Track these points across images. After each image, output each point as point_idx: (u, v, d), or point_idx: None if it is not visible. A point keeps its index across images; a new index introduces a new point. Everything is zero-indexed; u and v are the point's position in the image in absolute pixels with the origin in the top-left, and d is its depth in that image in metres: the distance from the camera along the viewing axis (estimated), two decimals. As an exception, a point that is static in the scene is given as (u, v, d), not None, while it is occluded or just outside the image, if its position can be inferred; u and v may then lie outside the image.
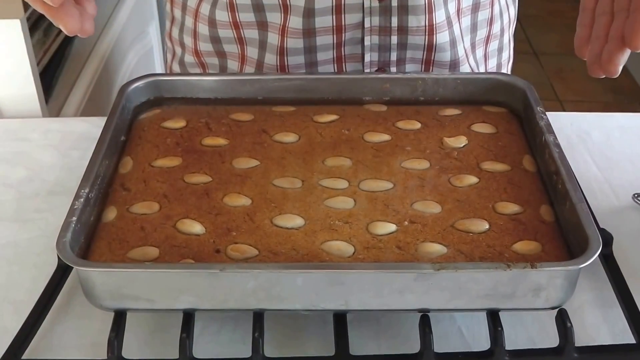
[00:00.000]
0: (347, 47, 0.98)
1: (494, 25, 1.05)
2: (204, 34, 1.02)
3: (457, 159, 0.80)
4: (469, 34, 1.03)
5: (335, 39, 0.96)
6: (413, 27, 0.97)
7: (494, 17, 1.04)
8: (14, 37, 1.10)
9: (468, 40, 1.03)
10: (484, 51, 1.07)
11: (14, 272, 0.78)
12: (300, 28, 0.95)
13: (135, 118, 0.86)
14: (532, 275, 0.63)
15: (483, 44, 1.06)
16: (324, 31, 0.96)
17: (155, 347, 0.70)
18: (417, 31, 0.97)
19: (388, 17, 0.96)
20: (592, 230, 0.66)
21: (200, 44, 1.03)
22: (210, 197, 0.75)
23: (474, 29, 1.03)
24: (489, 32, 1.05)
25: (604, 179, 0.91)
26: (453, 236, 0.70)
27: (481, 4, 1.02)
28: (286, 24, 0.95)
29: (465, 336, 0.71)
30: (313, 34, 0.96)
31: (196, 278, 0.64)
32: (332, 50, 0.97)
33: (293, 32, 0.95)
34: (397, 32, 0.97)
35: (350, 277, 0.64)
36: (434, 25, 0.97)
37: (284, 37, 0.96)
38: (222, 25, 1.00)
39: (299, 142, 0.83)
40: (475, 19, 1.03)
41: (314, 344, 0.70)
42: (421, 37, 0.97)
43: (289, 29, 0.95)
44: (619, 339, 0.70)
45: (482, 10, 1.02)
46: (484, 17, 1.03)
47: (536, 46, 3.30)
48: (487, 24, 1.04)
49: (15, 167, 0.94)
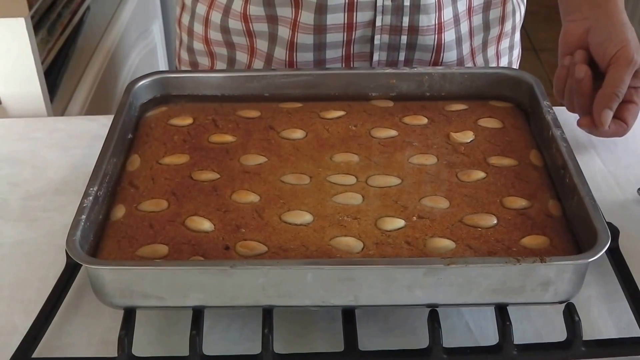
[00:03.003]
0: (356, 46, 0.98)
1: (506, 24, 1.05)
2: (216, 22, 1.02)
3: (464, 154, 0.80)
4: (481, 32, 1.04)
5: (345, 36, 0.96)
6: (424, 27, 0.97)
7: (506, 15, 1.04)
8: (18, 36, 1.10)
9: (480, 39, 1.04)
10: (496, 49, 1.07)
11: (22, 271, 0.79)
12: (311, 24, 0.95)
13: (142, 116, 0.87)
14: (541, 269, 0.64)
15: (495, 42, 1.06)
16: (334, 28, 0.96)
17: (165, 344, 0.70)
18: (427, 31, 0.97)
19: (400, 16, 0.96)
20: (600, 224, 0.66)
21: (211, 32, 1.03)
22: (219, 194, 0.75)
23: (486, 28, 1.04)
24: (501, 30, 1.05)
25: (609, 173, 0.91)
26: (461, 231, 0.70)
27: (493, 2, 1.02)
28: (297, 18, 0.95)
29: (472, 331, 0.71)
30: (324, 30, 0.96)
31: (206, 275, 0.65)
32: (341, 48, 0.98)
33: (304, 28, 0.96)
34: (407, 31, 0.97)
35: (360, 272, 0.64)
36: (442, 23, 0.97)
37: (295, 32, 0.96)
38: (234, 15, 1.00)
39: (307, 139, 0.83)
40: (487, 17, 1.03)
41: (323, 340, 0.70)
42: (431, 36, 0.98)
43: (300, 23, 0.96)
44: (625, 333, 0.71)
45: (493, 8, 1.03)
46: (495, 16, 1.04)
47: (535, 42, 3.29)
48: (499, 22, 1.04)
49: (22, 167, 0.94)
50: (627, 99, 0.89)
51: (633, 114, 0.90)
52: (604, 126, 0.88)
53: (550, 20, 1.15)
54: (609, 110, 0.87)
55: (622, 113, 0.89)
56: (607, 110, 0.87)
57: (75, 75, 1.37)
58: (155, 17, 1.96)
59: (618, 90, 0.87)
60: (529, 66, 3.11)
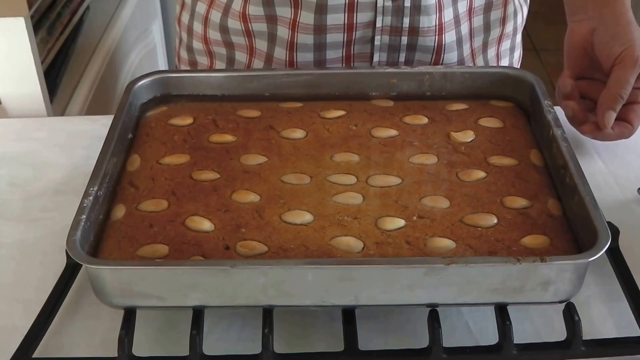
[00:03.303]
0: (356, 46, 0.98)
1: (507, 25, 1.05)
2: (215, 22, 1.02)
3: (465, 154, 0.80)
4: (482, 34, 1.03)
5: (345, 37, 0.96)
6: (424, 28, 0.97)
7: (507, 16, 1.04)
8: (18, 36, 1.10)
9: (480, 40, 1.04)
10: (497, 50, 1.07)
11: (22, 271, 0.79)
12: (311, 24, 0.95)
13: (142, 115, 0.87)
14: (541, 269, 0.64)
15: (496, 44, 1.06)
16: (334, 28, 0.96)
17: (165, 344, 0.70)
18: (428, 32, 0.97)
19: (400, 17, 0.96)
20: (601, 224, 0.66)
21: (210, 31, 1.03)
22: (219, 194, 0.75)
23: (487, 29, 1.03)
24: (502, 31, 1.05)
25: (609, 173, 0.91)
26: (462, 231, 0.70)
27: (494, 3, 1.02)
28: (297, 18, 0.95)
29: (472, 331, 0.71)
30: (324, 30, 0.96)
31: (206, 275, 0.65)
32: (341, 49, 0.98)
33: (304, 28, 0.96)
34: (408, 32, 0.97)
35: (361, 272, 0.64)
36: (442, 25, 0.97)
37: (295, 32, 0.96)
38: (233, 15, 1.00)
39: (307, 138, 0.83)
40: (488, 18, 1.03)
41: (323, 340, 0.70)
42: (431, 37, 0.97)
43: (300, 23, 0.95)
44: (624, 332, 0.71)
45: (494, 9, 1.03)
46: (496, 17, 1.03)
47: (536, 42, 3.29)
48: (500, 23, 1.04)
49: (22, 167, 0.94)
50: (632, 100, 0.88)
51: (639, 115, 0.89)
52: (606, 127, 0.87)
53: (552, 21, 1.15)
54: (612, 111, 0.86)
55: (627, 114, 0.88)
56: (610, 111, 0.86)
57: (75, 75, 1.37)
58: (155, 17, 1.96)
59: (622, 92, 0.86)
60: (530, 66, 3.09)
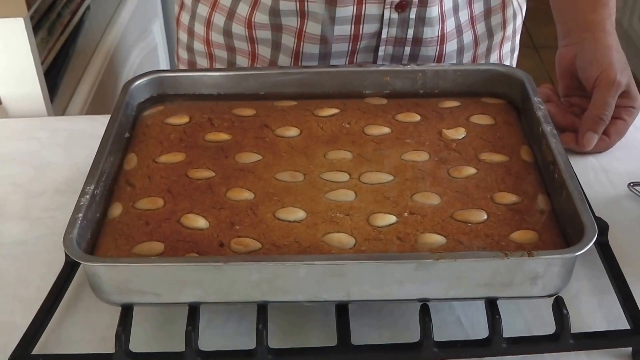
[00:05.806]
0: (360, 55, 0.99)
1: (507, 28, 1.07)
2: (219, 25, 1.02)
3: (456, 151, 0.81)
4: (486, 40, 1.05)
5: (350, 46, 0.98)
6: (427, 39, 0.98)
7: (507, 19, 1.05)
8: (18, 36, 1.11)
9: (484, 46, 1.05)
10: (499, 54, 1.08)
11: (23, 270, 0.80)
12: (318, 34, 0.96)
13: (139, 115, 0.88)
14: (529, 263, 0.65)
15: (498, 48, 1.07)
16: (340, 39, 0.97)
17: (161, 340, 0.71)
18: (431, 42, 0.99)
19: (405, 29, 0.97)
20: (587, 219, 0.67)
21: (213, 34, 1.04)
22: (214, 192, 0.76)
23: (489, 35, 1.05)
24: (503, 35, 1.07)
25: (601, 168, 0.92)
26: (452, 227, 0.71)
27: (492, 8, 1.03)
28: (303, 28, 0.96)
29: (464, 325, 0.72)
30: (330, 40, 0.97)
31: (201, 271, 0.66)
32: (345, 58, 0.99)
33: (310, 38, 0.97)
34: (411, 43, 0.99)
35: (352, 268, 0.65)
36: (445, 35, 0.98)
37: (301, 42, 0.97)
38: (238, 20, 1.00)
39: (301, 136, 0.84)
40: (489, 24, 1.04)
41: (317, 334, 0.71)
42: (433, 47, 0.99)
43: (306, 33, 0.97)
44: (613, 325, 0.72)
45: (494, 15, 1.04)
46: (497, 22, 1.05)
47: (536, 40, 3.29)
48: (501, 27, 1.05)
49: (23, 167, 0.95)
50: (614, 116, 0.91)
51: (618, 130, 0.92)
52: (586, 148, 0.90)
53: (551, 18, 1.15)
54: (593, 133, 0.89)
55: (607, 128, 0.91)
56: (590, 132, 0.90)
57: (75, 75, 1.38)
58: (156, 17, 1.96)
59: (602, 114, 0.89)
60: (529, 63, 3.10)
